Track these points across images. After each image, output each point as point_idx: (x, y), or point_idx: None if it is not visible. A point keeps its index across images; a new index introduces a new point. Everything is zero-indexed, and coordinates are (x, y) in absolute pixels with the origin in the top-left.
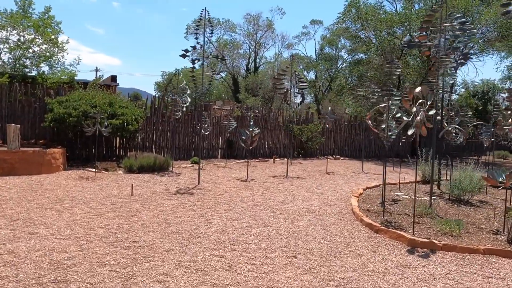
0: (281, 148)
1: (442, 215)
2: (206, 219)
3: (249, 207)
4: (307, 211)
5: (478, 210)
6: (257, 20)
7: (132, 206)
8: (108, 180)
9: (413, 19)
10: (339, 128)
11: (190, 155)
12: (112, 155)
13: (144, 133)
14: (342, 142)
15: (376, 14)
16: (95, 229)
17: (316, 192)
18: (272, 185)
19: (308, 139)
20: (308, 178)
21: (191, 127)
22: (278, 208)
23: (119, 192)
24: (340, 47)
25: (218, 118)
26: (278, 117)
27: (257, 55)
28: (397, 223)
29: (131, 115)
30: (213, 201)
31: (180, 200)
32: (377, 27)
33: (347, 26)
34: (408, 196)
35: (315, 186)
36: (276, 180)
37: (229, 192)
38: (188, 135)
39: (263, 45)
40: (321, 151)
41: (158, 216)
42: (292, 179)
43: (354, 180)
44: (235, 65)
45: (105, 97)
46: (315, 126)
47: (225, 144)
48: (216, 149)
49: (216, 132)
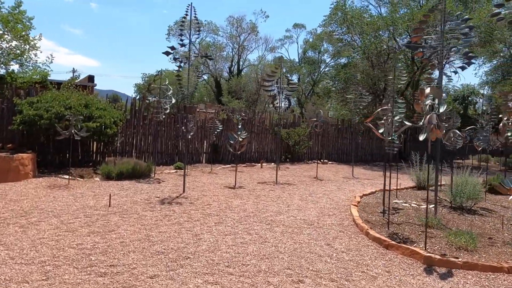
0: (268, 152)
1: (448, 225)
2: (195, 235)
3: (241, 219)
4: (305, 223)
5: (483, 219)
6: (240, 22)
7: (109, 219)
8: (83, 189)
9: (399, 23)
10: (327, 132)
11: (173, 160)
12: (88, 160)
13: (124, 137)
14: (330, 146)
15: (362, 17)
16: (65, 250)
17: (310, 200)
18: (263, 193)
19: (295, 143)
20: (299, 184)
21: (175, 130)
22: (273, 220)
23: (95, 203)
24: (323, 51)
25: (202, 121)
26: (264, 120)
27: (240, 58)
28: (405, 236)
29: (110, 118)
30: (201, 212)
31: (164, 212)
32: (363, 31)
33: (333, 29)
34: (408, 204)
35: (308, 193)
36: (266, 187)
37: (218, 201)
38: (171, 139)
39: (247, 47)
40: (309, 155)
41: (139, 232)
42: (283, 186)
43: (347, 186)
44: (218, 67)
45: (81, 98)
46: (303, 130)
47: (210, 148)
48: (201, 153)
49: (201, 136)
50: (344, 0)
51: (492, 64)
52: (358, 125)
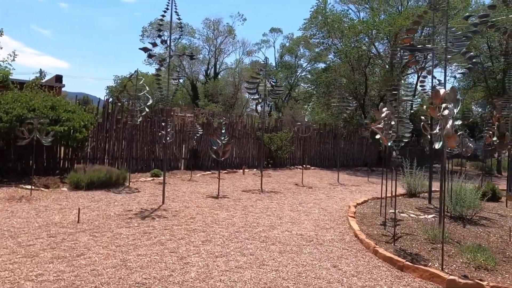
0: (250, 158)
1: (454, 238)
2: (181, 258)
3: (231, 236)
4: (303, 239)
5: (487, 230)
6: (217, 25)
7: (78, 239)
8: (48, 201)
9: (380, 27)
10: (309, 137)
11: (150, 166)
12: (55, 168)
13: (95, 142)
14: (312, 151)
15: (341, 21)
16: (20, 284)
17: (302, 211)
18: (250, 203)
19: (278, 148)
20: (286, 192)
21: (151, 134)
22: (267, 236)
23: (62, 218)
24: (300, 56)
25: (181, 125)
26: (246, 124)
27: (217, 61)
28: (414, 252)
29: (79, 121)
30: (184, 227)
31: (143, 228)
32: (344, 34)
33: (313, 33)
34: (406, 214)
35: (297, 202)
36: (252, 196)
37: (202, 213)
38: (147, 143)
39: (224, 51)
40: (291, 160)
41: (114, 256)
42: (270, 194)
43: (336, 194)
44: (194, 70)
45: (46, 99)
46: (285, 135)
47: (189, 153)
48: (179, 159)
49: (179, 141)
50: (325, 4)
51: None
52: (340, 129)
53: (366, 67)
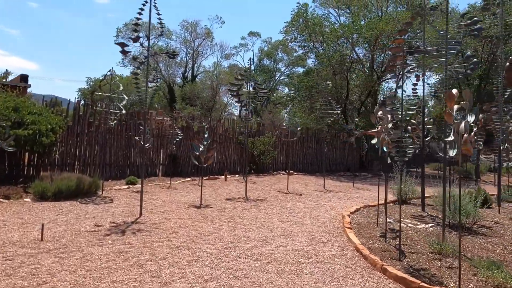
0: (232, 163)
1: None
2: (164, 284)
3: (220, 253)
4: (301, 256)
5: (490, 241)
6: (195, 27)
7: (41, 262)
8: (7, 214)
9: (362, 31)
10: (292, 141)
11: (125, 173)
12: (18, 175)
13: (64, 147)
14: (294, 156)
15: (322, 25)
16: None
17: (293, 221)
18: (236, 213)
19: (261, 153)
20: (273, 200)
21: (126, 139)
22: (261, 253)
23: (22, 236)
24: (278, 60)
25: (159, 129)
26: (228, 128)
27: (194, 64)
28: (421, 267)
29: (46, 124)
30: (166, 244)
31: (118, 246)
32: (326, 38)
33: (294, 36)
34: (404, 224)
35: (287, 212)
36: (237, 205)
37: (185, 226)
38: (122, 148)
39: (201, 53)
40: (273, 165)
41: (84, 283)
42: (256, 203)
43: (325, 202)
44: (171, 73)
45: (8, 100)
46: (268, 139)
47: (167, 159)
48: (157, 165)
49: (157, 145)
50: (306, 7)
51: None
52: (324, 134)
53: (348, 71)
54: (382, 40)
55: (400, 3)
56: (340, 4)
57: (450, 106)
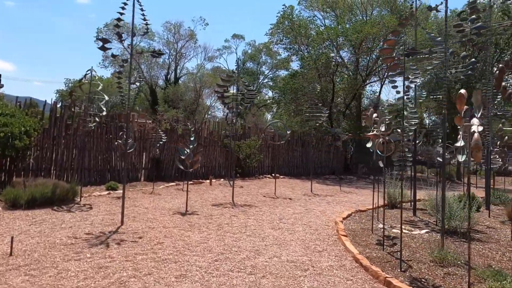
0: (217, 167)
1: (459, 258)
2: None
3: (210, 267)
4: (297, 268)
5: (487, 247)
6: (178, 29)
7: (8, 281)
8: None
9: (348, 34)
10: (277, 144)
11: (105, 178)
12: None
13: (40, 151)
14: (280, 159)
15: (308, 28)
16: None
17: (285, 228)
18: (224, 220)
19: (246, 156)
20: (261, 205)
21: (106, 142)
22: (254, 266)
23: None
24: (262, 63)
25: (141, 132)
26: (213, 131)
27: (177, 66)
28: (423, 278)
29: (19, 126)
30: (151, 257)
31: (97, 260)
32: (312, 40)
33: (279, 38)
34: (398, 230)
35: (277, 218)
36: (225, 211)
37: (171, 236)
38: (102, 152)
39: (185, 55)
40: (259, 169)
41: None
42: (244, 209)
43: (314, 206)
44: (153, 75)
45: None
46: (254, 142)
47: (150, 163)
48: (139, 169)
49: (139, 149)
50: (291, 10)
51: (421, 80)
52: (311, 137)
53: (334, 74)
54: (367, 44)
55: (384, 6)
56: (325, 7)
57: (460, 108)
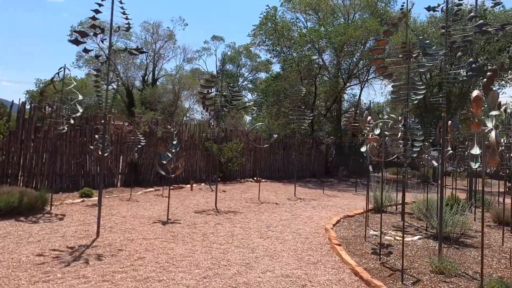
0: (197, 171)
1: (461, 268)
2: None
3: (199, 285)
4: (293, 283)
5: (484, 255)
6: (156, 29)
7: None
8: None
9: (332, 36)
10: (259, 147)
11: (78, 184)
12: None
13: (5, 155)
14: (262, 162)
15: (291, 30)
16: None
17: (274, 237)
18: (209, 229)
19: (228, 160)
20: (246, 211)
21: (80, 145)
22: (247, 282)
23: None
24: (241, 65)
25: (118, 134)
26: (194, 134)
27: (156, 66)
28: None
29: None
30: (131, 275)
31: (70, 281)
32: (296, 42)
33: (262, 40)
34: (391, 237)
35: (264, 225)
36: (209, 219)
37: (153, 249)
38: (76, 156)
39: (163, 56)
40: (241, 173)
41: None
42: (228, 216)
43: (300, 212)
44: (130, 75)
45: None
46: (236, 145)
47: (127, 167)
48: (115, 174)
49: (116, 153)
50: (275, 11)
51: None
52: (293, 140)
53: (316, 76)
54: (348, 47)
55: (365, 10)
56: (308, 9)
57: (477, 112)
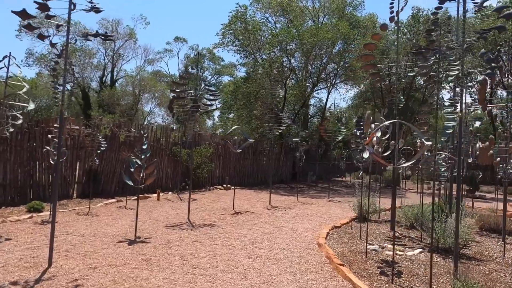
0: (164, 178)
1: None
2: None
3: None
4: None
5: (488, 267)
6: (116, 26)
7: None
8: None
9: (305, 37)
10: (228, 152)
11: (26, 196)
12: None
13: None
14: (231, 168)
15: (261, 30)
16: None
17: (264, 256)
18: (187, 249)
19: (197, 166)
20: (223, 224)
21: (29, 151)
22: None
23: None
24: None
25: (75, 138)
26: (160, 138)
27: (115, 67)
28: None
29: None
30: None
31: None
32: (266, 42)
33: (232, 40)
34: (390, 252)
35: (247, 240)
36: (184, 235)
37: (122, 281)
38: (23, 164)
39: (123, 56)
40: (209, 180)
41: None
42: (205, 230)
43: (281, 223)
44: (86, 76)
45: None
46: (206, 150)
47: (85, 176)
48: (71, 184)
49: (71, 159)
50: (245, 9)
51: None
52: (262, 144)
53: (287, 79)
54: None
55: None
56: (279, 9)
57: None
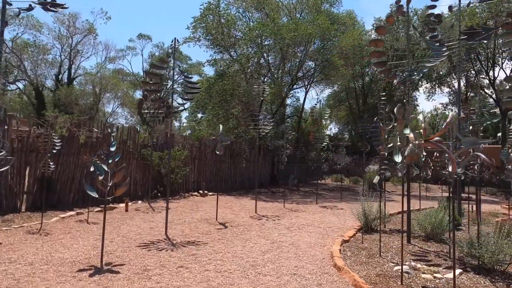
0: (132, 185)
1: None
2: None
3: None
4: None
5: None
6: (73, 20)
7: None
8: None
9: (283, 32)
10: (204, 155)
11: None
12: None
13: None
14: (207, 172)
15: (236, 24)
16: None
17: (274, 287)
18: (172, 280)
19: (171, 171)
20: (209, 241)
21: None
22: None
23: None
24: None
25: (23, 140)
26: (127, 139)
27: (72, 64)
28: None
29: None
30: None
31: None
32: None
33: (203, 33)
34: (430, 275)
35: (247, 264)
36: (164, 258)
37: None
38: None
39: (81, 52)
40: (184, 185)
41: None
42: (189, 249)
43: (277, 236)
44: (40, 73)
45: None
46: (180, 153)
47: (36, 184)
48: (18, 194)
49: (19, 165)
50: (218, 1)
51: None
52: (242, 146)
53: (264, 76)
54: (296, 47)
55: (310, 10)
56: (253, 3)
57: None
